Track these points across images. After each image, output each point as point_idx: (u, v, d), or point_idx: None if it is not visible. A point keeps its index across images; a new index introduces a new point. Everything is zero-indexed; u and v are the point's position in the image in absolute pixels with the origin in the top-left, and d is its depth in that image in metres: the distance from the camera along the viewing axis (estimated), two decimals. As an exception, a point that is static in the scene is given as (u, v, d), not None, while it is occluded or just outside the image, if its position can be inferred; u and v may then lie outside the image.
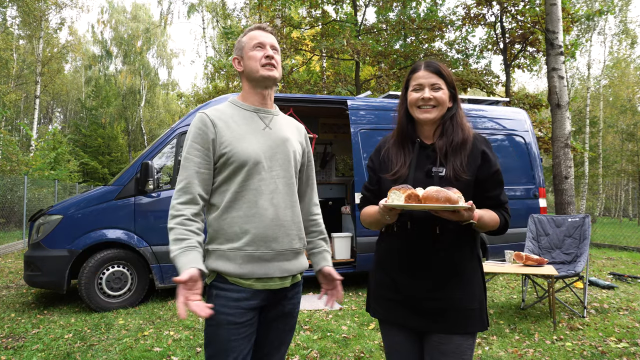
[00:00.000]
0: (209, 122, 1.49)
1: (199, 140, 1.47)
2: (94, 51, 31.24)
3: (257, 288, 1.46)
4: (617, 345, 3.39)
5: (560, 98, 7.40)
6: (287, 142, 1.57)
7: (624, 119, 23.82)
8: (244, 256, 1.45)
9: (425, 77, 1.50)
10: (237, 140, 1.49)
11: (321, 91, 12.68)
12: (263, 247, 1.46)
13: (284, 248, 1.50)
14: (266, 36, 1.58)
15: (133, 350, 3.31)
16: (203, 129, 1.48)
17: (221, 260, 1.47)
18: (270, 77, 1.54)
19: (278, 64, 1.57)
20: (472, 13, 12.69)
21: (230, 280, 1.45)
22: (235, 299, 1.44)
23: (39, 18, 19.14)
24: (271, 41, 1.57)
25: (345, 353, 3.27)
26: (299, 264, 1.57)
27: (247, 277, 1.45)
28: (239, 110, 1.57)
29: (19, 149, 14.88)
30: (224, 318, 1.43)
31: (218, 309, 1.43)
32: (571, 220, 4.66)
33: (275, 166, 1.52)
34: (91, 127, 26.25)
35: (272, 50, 1.56)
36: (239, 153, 1.46)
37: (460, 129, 1.51)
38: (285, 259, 1.51)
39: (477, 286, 1.48)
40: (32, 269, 4.44)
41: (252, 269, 1.45)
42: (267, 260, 1.47)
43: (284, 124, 1.63)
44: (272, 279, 1.48)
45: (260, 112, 1.58)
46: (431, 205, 1.26)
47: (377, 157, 1.62)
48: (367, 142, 5.39)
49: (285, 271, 1.51)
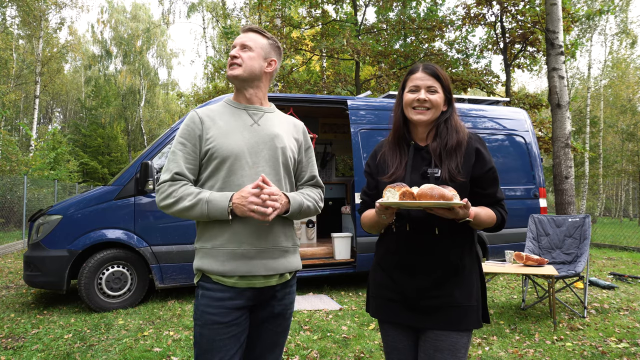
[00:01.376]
0: (197, 118, 1.53)
1: (186, 136, 1.51)
2: (94, 51, 31.23)
3: (241, 287, 1.46)
4: (618, 346, 3.39)
5: (561, 98, 7.40)
6: (276, 139, 1.56)
7: (624, 119, 23.82)
8: (227, 253, 1.45)
9: (422, 79, 1.52)
10: (222, 135, 1.50)
11: (321, 91, 12.67)
12: (246, 244, 1.46)
13: (269, 245, 1.49)
14: (241, 37, 1.60)
15: (133, 351, 3.31)
16: (191, 126, 1.52)
17: (206, 259, 1.48)
18: (230, 77, 1.57)
19: (245, 61, 1.56)
20: (472, 13, 12.69)
21: (214, 279, 1.46)
22: (219, 299, 1.44)
23: (38, 18, 19.12)
24: (242, 40, 1.58)
25: (345, 353, 3.26)
26: (287, 263, 1.55)
27: (229, 274, 1.44)
28: (230, 108, 1.59)
29: (19, 149, 14.87)
30: (209, 318, 1.43)
31: (203, 309, 1.45)
32: (571, 220, 4.66)
33: (261, 162, 1.51)
34: (91, 127, 26.26)
35: (240, 50, 1.57)
36: (222, 148, 1.47)
37: (455, 131, 1.52)
38: (270, 257, 1.49)
39: (475, 284, 1.51)
40: (31, 269, 4.44)
41: (235, 267, 1.45)
42: (251, 257, 1.46)
43: (276, 120, 1.62)
44: (256, 277, 1.47)
45: (250, 110, 1.59)
46: (426, 202, 1.27)
47: (373, 162, 1.64)
48: (367, 142, 5.38)
49: (271, 269, 1.49)
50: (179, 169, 1.48)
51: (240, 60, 1.55)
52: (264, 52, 1.60)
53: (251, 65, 1.57)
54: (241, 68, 1.56)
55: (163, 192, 1.48)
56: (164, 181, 1.49)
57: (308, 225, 6.30)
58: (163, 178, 1.49)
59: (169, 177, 1.48)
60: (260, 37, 1.61)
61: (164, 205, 1.47)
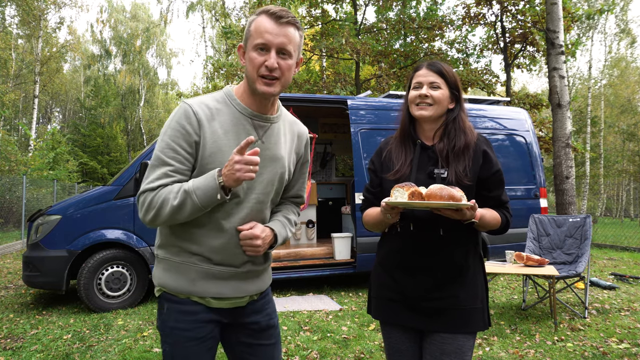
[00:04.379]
0: (193, 118, 1.23)
1: (178, 140, 1.23)
2: (93, 51, 31.18)
3: (212, 305, 1.32)
4: (619, 346, 3.38)
5: (561, 98, 7.38)
6: (278, 162, 1.36)
7: (625, 119, 23.81)
8: (199, 271, 1.29)
9: (425, 75, 1.51)
10: (217, 150, 1.25)
11: (321, 91, 12.65)
12: (221, 265, 1.30)
13: (245, 270, 1.35)
14: (276, 33, 1.22)
15: (132, 351, 3.29)
16: (186, 128, 1.23)
17: (171, 274, 1.30)
18: (266, 93, 1.25)
19: (285, 72, 1.25)
20: (472, 12, 12.68)
21: (179, 296, 1.30)
22: (191, 312, 1.29)
23: (37, 17, 19.09)
24: (280, 42, 1.22)
25: (345, 354, 3.25)
26: (260, 283, 1.42)
27: (199, 295, 1.29)
28: (232, 111, 1.30)
29: (18, 148, 14.85)
30: (181, 335, 1.28)
31: (173, 325, 1.29)
32: (572, 221, 4.65)
33: (256, 187, 1.32)
34: (90, 126, 26.24)
35: (279, 56, 1.23)
36: (213, 165, 1.24)
37: (463, 132, 1.51)
38: (244, 279, 1.35)
39: (480, 285, 1.50)
40: (30, 270, 4.42)
41: (206, 287, 1.29)
42: (224, 279, 1.31)
43: (282, 134, 1.38)
44: (228, 298, 1.34)
45: (256, 119, 1.32)
46: (434, 203, 1.25)
47: (378, 159, 1.62)
48: (367, 142, 5.37)
49: (243, 291, 1.35)
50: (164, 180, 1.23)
51: (279, 73, 1.24)
52: (298, 53, 1.30)
53: (289, 77, 1.28)
54: (280, 83, 1.25)
55: (143, 204, 1.24)
56: (143, 191, 1.24)
57: (308, 225, 6.29)
58: (143, 188, 1.24)
59: (150, 186, 1.23)
60: (297, 33, 1.26)
61: (150, 218, 1.23)
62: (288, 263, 5.40)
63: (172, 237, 1.31)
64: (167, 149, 1.23)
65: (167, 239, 1.33)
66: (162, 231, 1.35)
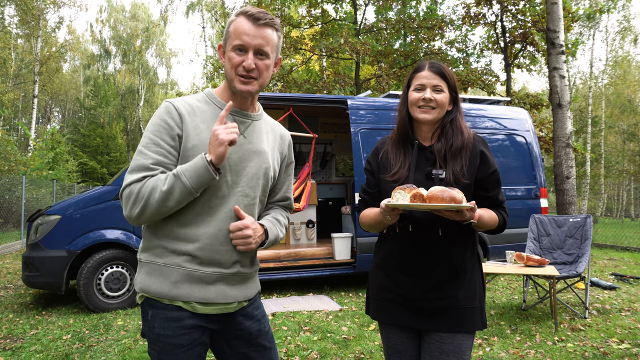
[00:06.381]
0: (175, 113, 1.27)
1: (160, 134, 1.25)
2: (93, 50, 31.18)
3: (198, 311, 1.28)
4: (619, 347, 3.37)
5: (562, 98, 7.38)
6: (261, 156, 1.36)
7: (625, 119, 23.80)
8: (183, 274, 1.26)
9: (428, 77, 1.50)
10: (201, 143, 1.26)
11: (321, 91, 12.65)
12: (206, 267, 1.27)
13: (232, 271, 1.32)
14: (254, 34, 1.25)
15: (132, 351, 3.28)
16: (168, 122, 1.26)
17: (153, 277, 1.27)
18: (244, 91, 1.29)
19: (262, 72, 1.29)
20: (472, 12, 12.68)
21: (163, 302, 1.26)
22: (177, 319, 1.25)
23: (37, 17, 19.06)
24: (258, 43, 1.25)
25: (345, 354, 3.24)
26: (247, 290, 1.38)
27: (183, 299, 1.25)
28: (214, 109, 1.33)
29: (17, 148, 14.83)
30: (168, 342, 1.24)
31: (159, 332, 1.25)
32: (573, 221, 4.64)
33: (241, 181, 1.32)
34: (90, 126, 26.24)
35: (257, 57, 1.27)
36: None
37: (460, 132, 1.51)
38: (230, 284, 1.32)
39: (478, 285, 1.51)
40: (30, 270, 4.41)
41: (189, 291, 1.25)
42: (209, 282, 1.28)
43: (264, 131, 1.41)
44: (215, 304, 1.30)
45: (238, 116, 1.34)
46: (435, 205, 1.26)
47: (375, 159, 1.62)
48: (367, 142, 5.36)
49: (229, 297, 1.32)
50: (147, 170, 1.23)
51: (257, 73, 1.28)
52: (276, 53, 1.33)
53: (267, 77, 1.32)
54: (258, 83, 1.30)
55: (129, 196, 1.21)
56: (128, 184, 1.21)
57: (308, 225, 6.28)
58: (127, 181, 1.22)
59: (135, 177, 1.21)
60: (274, 34, 1.30)
61: (137, 211, 1.20)
62: (288, 263, 5.40)
63: (156, 238, 1.29)
64: (150, 144, 1.25)
65: (151, 241, 1.30)
66: (145, 234, 1.33)
